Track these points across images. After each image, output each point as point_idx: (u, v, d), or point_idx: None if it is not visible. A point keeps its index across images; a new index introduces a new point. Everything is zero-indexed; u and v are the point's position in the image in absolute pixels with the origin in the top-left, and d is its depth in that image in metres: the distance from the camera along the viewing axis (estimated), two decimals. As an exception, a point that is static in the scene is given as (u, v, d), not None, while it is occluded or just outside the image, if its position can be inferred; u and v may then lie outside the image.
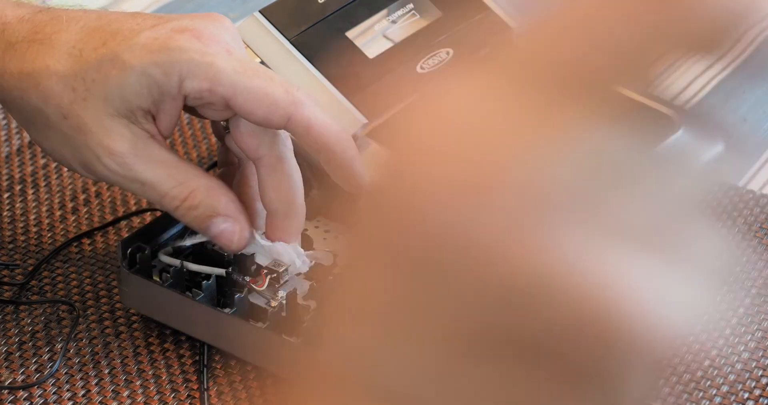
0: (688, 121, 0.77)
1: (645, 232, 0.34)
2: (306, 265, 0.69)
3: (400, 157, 0.39)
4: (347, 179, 0.67)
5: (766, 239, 0.78)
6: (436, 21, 0.77)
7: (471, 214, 0.34)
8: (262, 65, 0.68)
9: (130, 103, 0.65)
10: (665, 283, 0.36)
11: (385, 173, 0.41)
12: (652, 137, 0.84)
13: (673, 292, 0.35)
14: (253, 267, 0.70)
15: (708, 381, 0.69)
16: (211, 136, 0.87)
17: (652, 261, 0.35)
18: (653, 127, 0.76)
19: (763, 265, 0.76)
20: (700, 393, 0.68)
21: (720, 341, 0.71)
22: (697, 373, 0.69)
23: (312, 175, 0.77)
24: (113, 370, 0.69)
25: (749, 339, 0.71)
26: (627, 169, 0.36)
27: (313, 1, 0.75)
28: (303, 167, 0.77)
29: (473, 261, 0.34)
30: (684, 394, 0.68)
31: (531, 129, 0.34)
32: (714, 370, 0.69)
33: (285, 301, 0.68)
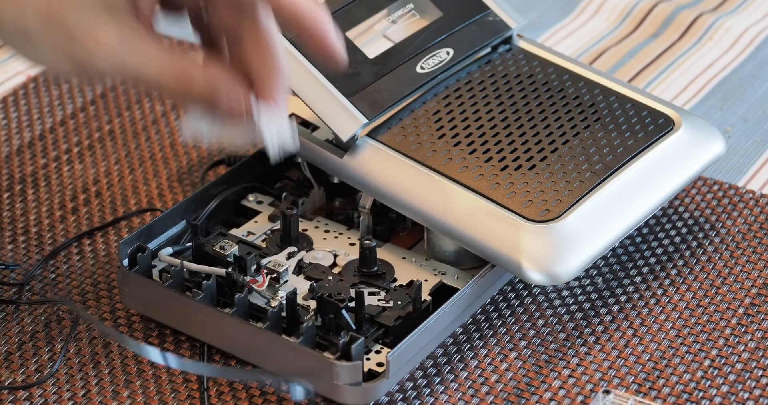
0: (688, 121, 0.77)
1: None
2: (296, 142, 0.67)
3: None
4: (322, 53, 0.65)
5: (766, 239, 0.78)
6: (436, 21, 0.77)
7: None
8: None
9: None
10: None
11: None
12: (652, 137, 0.84)
13: None
14: (253, 267, 0.70)
15: (708, 381, 0.69)
16: (211, 136, 0.87)
17: None
18: (653, 126, 0.76)
19: (763, 265, 0.76)
20: (700, 393, 0.68)
21: (720, 341, 0.71)
22: (697, 373, 0.69)
23: (312, 176, 0.77)
24: (113, 370, 0.69)
25: (749, 339, 0.71)
26: None
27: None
28: (302, 168, 0.78)
29: None
30: (684, 394, 0.68)
31: None
32: (714, 370, 0.69)
33: (285, 301, 0.68)
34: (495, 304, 0.73)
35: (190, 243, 0.72)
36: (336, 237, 0.75)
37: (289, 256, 0.72)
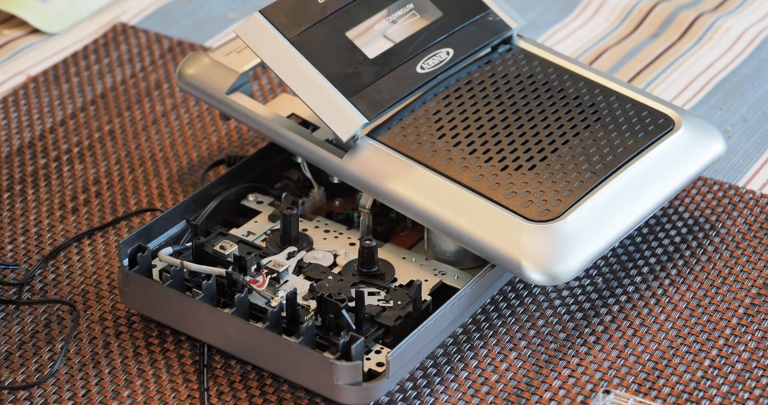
0: (688, 121, 0.77)
1: None
2: None
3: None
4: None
5: (766, 239, 0.78)
6: (436, 21, 0.77)
7: None
8: None
9: None
10: None
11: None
12: (652, 137, 0.84)
13: None
14: (253, 267, 0.70)
15: (708, 381, 0.69)
16: (212, 135, 0.87)
17: None
18: (654, 127, 0.76)
19: (763, 265, 0.76)
20: (700, 393, 0.68)
21: (720, 341, 0.71)
22: (697, 373, 0.69)
23: (312, 176, 0.77)
24: (113, 370, 0.69)
25: (749, 339, 0.71)
26: None
27: (313, 2, 0.75)
28: (303, 168, 0.78)
29: None
30: (684, 394, 0.68)
31: None
32: (714, 370, 0.69)
33: (285, 301, 0.68)
34: (495, 304, 0.73)
35: (190, 243, 0.72)
36: (336, 237, 0.75)
37: (289, 256, 0.72)
